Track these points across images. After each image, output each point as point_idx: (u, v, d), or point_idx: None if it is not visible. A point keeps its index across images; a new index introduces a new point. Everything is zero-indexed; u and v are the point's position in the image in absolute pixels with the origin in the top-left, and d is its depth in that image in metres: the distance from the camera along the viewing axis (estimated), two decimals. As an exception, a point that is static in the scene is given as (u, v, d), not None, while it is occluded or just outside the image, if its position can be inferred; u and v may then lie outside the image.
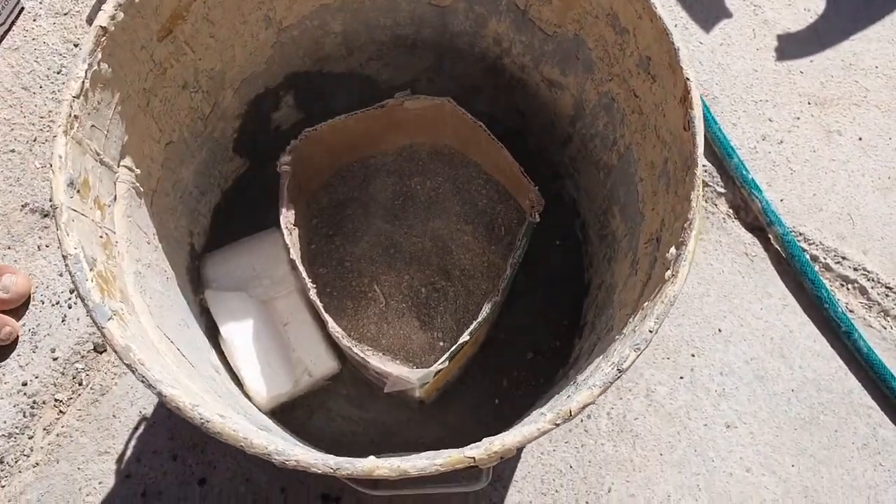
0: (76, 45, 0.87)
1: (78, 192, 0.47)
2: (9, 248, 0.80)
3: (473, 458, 0.41)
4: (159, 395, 0.42)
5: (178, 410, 0.42)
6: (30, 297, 0.79)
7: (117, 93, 0.51)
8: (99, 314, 0.43)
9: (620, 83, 0.57)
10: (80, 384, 0.77)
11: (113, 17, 0.48)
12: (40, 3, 0.88)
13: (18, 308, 0.78)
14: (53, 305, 0.79)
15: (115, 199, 0.52)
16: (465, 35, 0.67)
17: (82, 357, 0.78)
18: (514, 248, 0.64)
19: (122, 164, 0.53)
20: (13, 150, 0.83)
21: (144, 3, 0.50)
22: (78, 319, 0.78)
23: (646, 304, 0.47)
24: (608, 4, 0.53)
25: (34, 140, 0.84)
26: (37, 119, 0.84)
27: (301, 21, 0.63)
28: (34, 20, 0.88)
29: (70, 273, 0.44)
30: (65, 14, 0.88)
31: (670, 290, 0.44)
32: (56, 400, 0.76)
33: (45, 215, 0.81)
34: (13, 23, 0.87)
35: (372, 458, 0.42)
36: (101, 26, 0.47)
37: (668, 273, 0.45)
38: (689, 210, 0.45)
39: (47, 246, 0.81)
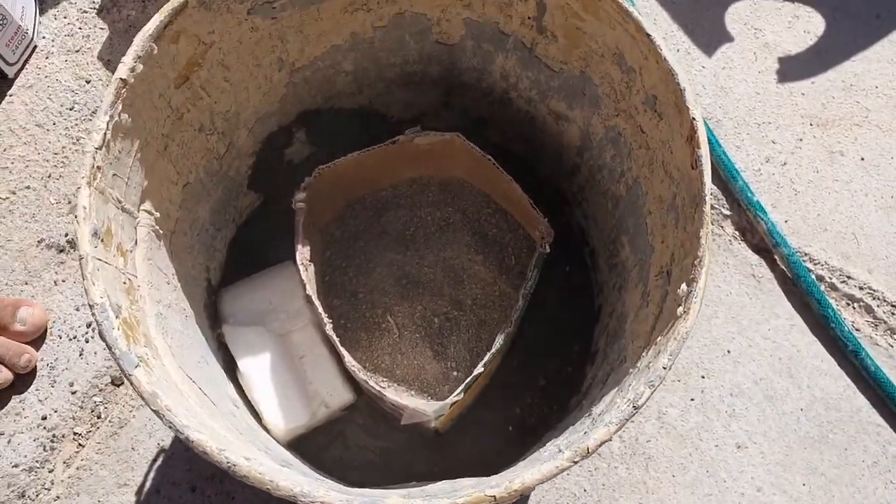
0: (88, 82, 0.89)
1: (101, 240, 0.48)
2: (26, 283, 0.82)
3: (494, 497, 0.42)
4: (187, 440, 0.43)
5: (206, 455, 0.43)
6: (46, 329, 0.80)
7: (137, 140, 0.52)
8: (126, 362, 0.44)
9: (627, 119, 0.58)
10: (99, 417, 0.78)
11: (132, 70, 0.49)
12: (52, 41, 0.90)
13: (36, 340, 0.79)
14: (71, 340, 0.80)
15: (135, 243, 0.53)
16: (472, 71, 0.68)
17: (100, 390, 0.79)
18: (526, 279, 0.65)
19: (142, 208, 0.54)
20: (28, 187, 0.84)
21: (162, 53, 0.51)
22: (95, 353, 0.79)
23: (658, 338, 0.48)
24: (614, 44, 0.54)
25: (48, 176, 0.85)
26: (51, 155, 0.86)
27: (313, 62, 0.64)
28: (46, 58, 0.89)
29: (97, 322, 0.45)
30: (76, 51, 0.90)
31: (682, 328, 0.45)
32: (75, 433, 0.77)
33: (61, 251, 0.83)
34: (26, 61, 0.89)
35: (395, 497, 0.43)
36: (121, 79, 0.49)
37: (681, 310, 0.46)
38: (699, 248, 0.46)
39: (63, 281, 0.82)
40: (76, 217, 0.46)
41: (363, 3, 0.60)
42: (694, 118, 0.48)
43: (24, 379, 0.78)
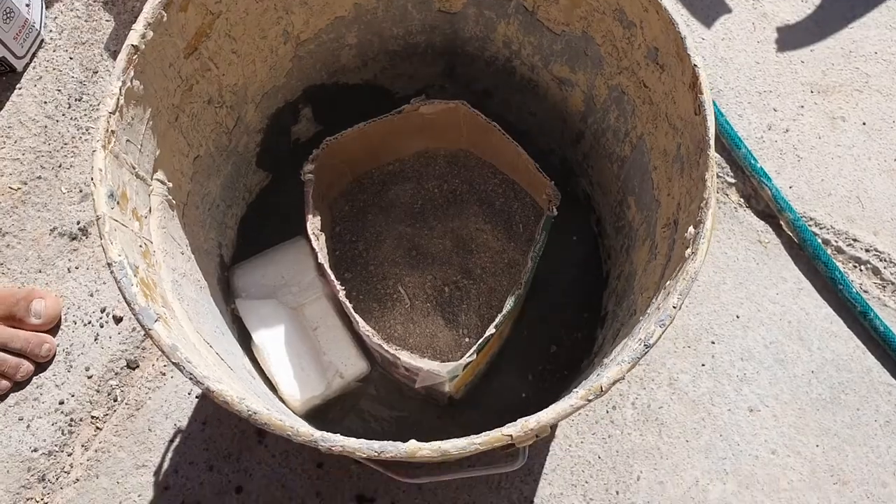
0: (95, 73, 0.90)
1: (118, 203, 0.49)
2: (39, 271, 0.83)
3: (511, 435, 0.43)
4: (207, 390, 0.44)
5: (227, 405, 0.44)
6: (61, 316, 0.81)
7: (149, 108, 0.53)
8: (145, 317, 0.45)
9: (630, 76, 0.59)
10: (116, 400, 0.79)
11: (143, 36, 0.50)
12: (59, 34, 0.91)
13: (51, 329, 0.80)
14: (85, 325, 0.81)
15: (150, 210, 0.54)
16: (475, 40, 0.69)
17: (116, 374, 0.80)
18: (534, 242, 0.65)
19: (155, 177, 0.55)
20: (40, 177, 0.86)
21: (171, 21, 0.52)
22: (110, 338, 0.80)
23: (668, 283, 0.49)
24: (614, 0, 0.55)
25: (59, 166, 0.86)
26: (61, 146, 0.87)
27: (318, 34, 0.65)
28: (54, 51, 0.91)
29: (116, 279, 0.46)
30: (83, 44, 0.91)
31: (691, 267, 0.46)
32: (93, 417, 0.78)
33: (74, 238, 0.83)
34: (34, 54, 0.90)
35: (413, 441, 0.44)
36: (132, 45, 0.50)
37: (689, 251, 0.47)
38: (705, 190, 0.47)
39: (77, 268, 0.83)
40: (92, 180, 0.47)
41: (366, -28, 0.61)
42: (696, 65, 0.49)
43: (41, 365, 0.79)
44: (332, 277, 0.63)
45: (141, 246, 0.51)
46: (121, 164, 0.50)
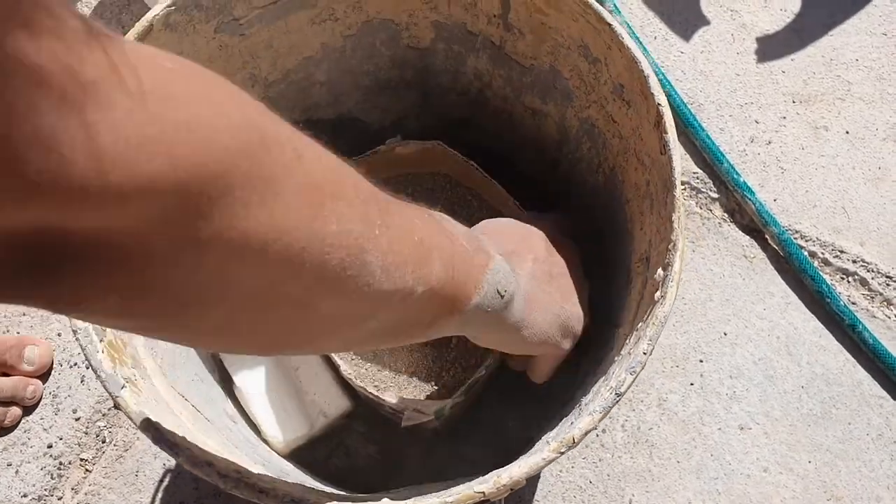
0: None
1: (83, 266, 0.48)
2: (23, 314, 0.82)
3: (483, 492, 0.43)
4: (180, 460, 0.44)
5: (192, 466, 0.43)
6: (52, 364, 0.80)
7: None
8: (112, 384, 0.45)
9: (599, 109, 0.58)
10: (104, 442, 0.79)
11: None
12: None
13: (42, 375, 0.80)
14: (72, 367, 0.81)
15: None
16: (446, 73, 0.68)
17: (104, 415, 0.79)
18: None
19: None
20: (21, 219, 0.85)
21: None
22: (96, 379, 0.80)
23: (639, 325, 0.49)
24: (579, 36, 0.55)
25: (40, 207, 0.86)
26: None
27: (286, 75, 0.65)
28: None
29: (81, 347, 0.45)
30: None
31: (660, 312, 0.45)
32: (81, 459, 0.78)
33: (57, 280, 0.83)
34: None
35: (385, 499, 0.44)
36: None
37: (658, 294, 0.46)
38: (672, 231, 0.47)
39: (61, 310, 0.83)
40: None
41: (330, 14, 0.61)
42: (659, 104, 0.49)
43: (28, 408, 0.79)
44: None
45: (109, 306, 0.50)
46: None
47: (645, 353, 0.45)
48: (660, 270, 0.47)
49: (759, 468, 0.78)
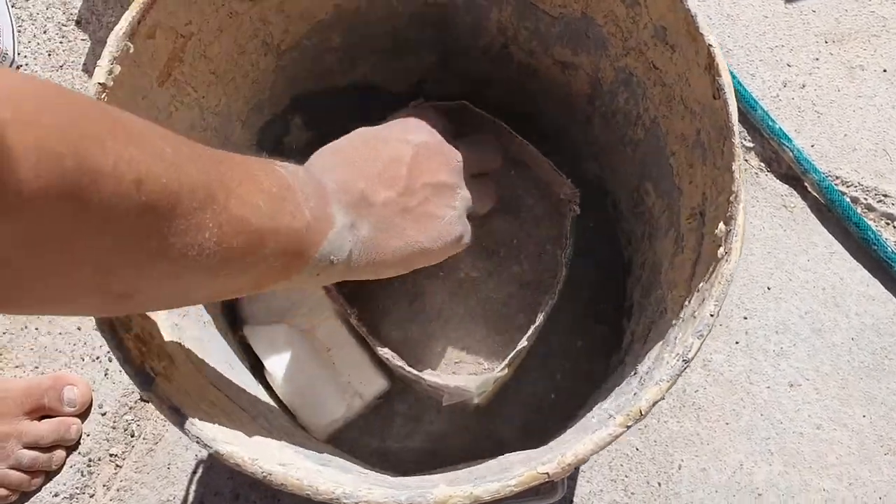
0: (76, 96, 0.86)
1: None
2: (41, 309, 0.80)
3: (548, 473, 0.40)
4: (216, 454, 0.41)
5: (238, 467, 0.41)
6: (92, 401, 0.77)
7: (126, 147, 0.49)
8: (142, 380, 0.42)
9: (637, 56, 0.55)
10: (133, 436, 0.76)
11: (110, 72, 0.46)
12: (35, 59, 0.87)
13: (83, 413, 0.77)
14: (94, 361, 0.78)
15: (140, 254, 0.51)
16: (467, 29, 0.64)
17: (130, 408, 0.77)
18: (563, 246, 0.62)
19: (141, 217, 0.52)
20: (30, 211, 0.82)
21: (139, 51, 0.48)
22: (120, 371, 0.77)
23: (700, 284, 0.45)
24: (614, -22, 0.51)
25: (49, 198, 0.83)
26: (48, 176, 0.83)
27: (299, 42, 0.61)
28: (30, 77, 0.87)
29: (107, 341, 0.42)
30: (61, 67, 0.87)
31: (726, 269, 0.42)
32: (111, 455, 0.76)
33: (72, 272, 0.80)
34: (10, 83, 0.86)
35: (442, 486, 0.41)
36: (99, 83, 0.46)
37: (721, 251, 0.43)
38: (733, 182, 0.43)
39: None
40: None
41: (344, -28, 0.57)
42: (710, 45, 0.45)
43: (70, 447, 0.77)
44: (343, 302, 0.60)
45: (133, 296, 0.47)
46: (101, 213, 0.46)
47: (712, 315, 0.41)
48: (721, 225, 0.44)
49: (811, 425, 0.75)
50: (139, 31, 0.48)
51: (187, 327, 0.54)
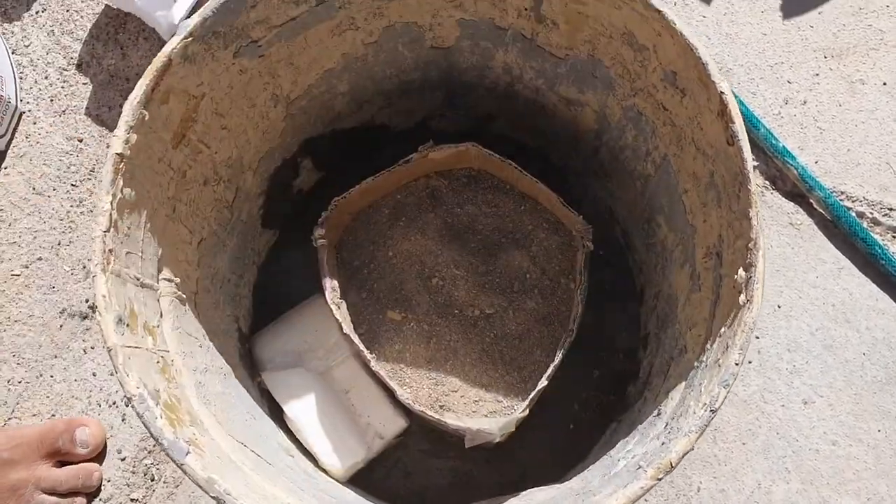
0: (81, 140, 0.86)
1: (127, 325, 0.46)
2: (55, 356, 0.80)
3: (582, 530, 0.40)
4: (252, 522, 0.41)
5: (275, 535, 0.41)
6: (106, 443, 0.77)
7: (144, 211, 0.50)
8: (176, 451, 0.42)
9: (646, 97, 0.55)
10: (153, 479, 0.77)
11: (127, 141, 0.46)
12: (37, 105, 0.87)
13: (98, 455, 0.77)
14: (111, 406, 0.78)
15: (161, 316, 0.51)
16: (472, 69, 0.65)
17: (149, 452, 0.77)
18: (578, 282, 0.62)
19: (161, 278, 0.52)
20: (40, 258, 0.82)
21: (154, 117, 0.49)
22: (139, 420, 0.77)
23: (723, 329, 0.46)
24: (622, 24, 0.51)
25: (58, 244, 0.83)
26: (57, 222, 0.84)
27: (308, 90, 0.62)
28: (34, 123, 0.87)
29: (139, 415, 0.43)
30: (63, 112, 0.87)
31: (748, 317, 0.43)
32: (132, 500, 0.76)
33: (85, 318, 0.81)
34: (15, 129, 0.86)
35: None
36: (117, 153, 0.46)
37: (743, 298, 0.43)
38: (751, 230, 0.44)
39: (93, 348, 0.80)
40: (97, 308, 0.44)
41: (350, 23, 0.57)
42: (722, 92, 0.45)
43: (90, 495, 0.76)
44: (362, 347, 0.60)
45: (158, 362, 0.48)
46: (124, 282, 0.46)
47: (737, 364, 0.42)
48: (741, 272, 0.44)
49: (827, 442, 0.75)
50: (153, 97, 0.48)
51: (209, 383, 0.55)
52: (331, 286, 0.63)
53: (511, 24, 0.58)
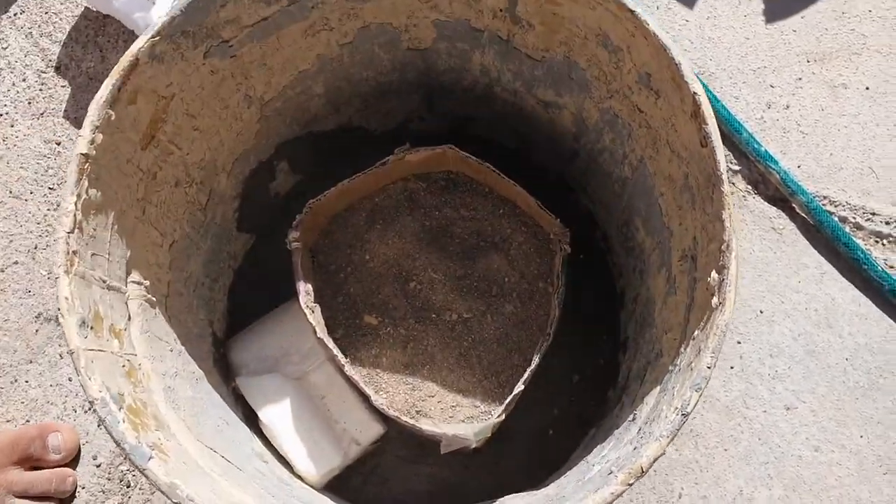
0: (59, 144, 0.85)
1: (91, 328, 0.45)
2: (30, 361, 0.79)
3: (550, 536, 0.40)
4: (216, 530, 0.40)
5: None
6: (80, 447, 0.76)
7: (111, 212, 0.49)
8: (138, 456, 0.41)
9: (622, 99, 0.55)
10: (128, 486, 0.76)
11: (92, 142, 0.46)
12: (14, 107, 0.86)
13: (72, 460, 0.76)
14: (87, 412, 0.77)
15: (129, 318, 0.50)
16: (450, 71, 0.64)
17: (125, 458, 0.76)
18: (556, 286, 0.62)
19: (129, 280, 0.51)
20: (16, 262, 0.81)
21: (121, 117, 0.48)
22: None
23: (696, 333, 0.45)
24: (596, 25, 0.51)
25: (35, 248, 0.82)
26: (34, 226, 0.83)
27: (282, 92, 0.61)
28: (11, 126, 0.86)
29: (100, 419, 0.42)
30: (41, 115, 0.86)
31: (720, 320, 0.42)
32: (108, 507, 0.75)
33: (60, 322, 0.80)
34: (-9, 132, 0.86)
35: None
36: (81, 154, 0.45)
37: (715, 300, 0.43)
38: (724, 232, 0.43)
39: (70, 353, 0.79)
40: (59, 310, 0.43)
41: (324, 24, 0.56)
42: (696, 93, 0.45)
43: (65, 500, 0.75)
44: (336, 351, 0.59)
45: (123, 366, 0.47)
46: (89, 284, 0.46)
47: (709, 367, 0.41)
48: (714, 274, 0.44)
49: (809, 448, 0.75)
50: (120, 97, 0.47)
51: (179, 388, 0.54)
52: (304, 290, 0.62)
53: (487, 26, 0.57)
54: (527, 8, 0.53)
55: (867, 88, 0.85)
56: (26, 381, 0.78)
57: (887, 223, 0.80)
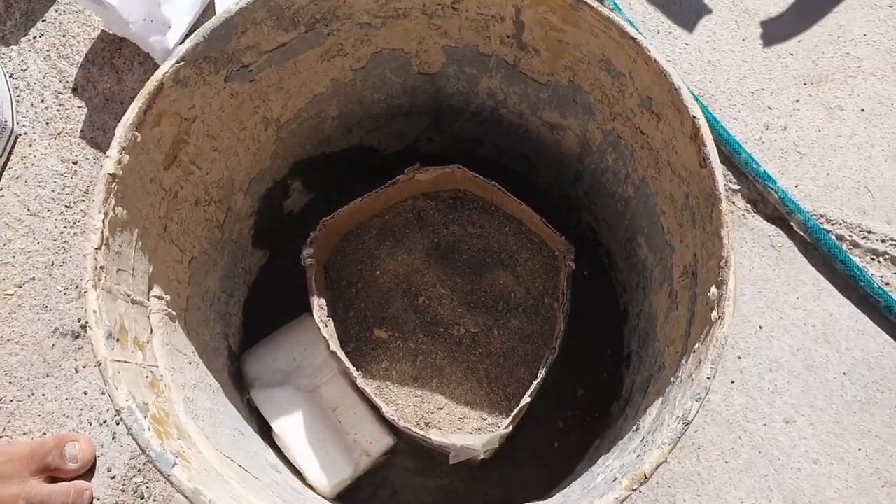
0: (75, 163, 0.88)
1: (117, 340, 0.47)
2: (47, 375, 0.81)
3: (558, 539, 0.41)
4: (237, 533, 0.42)
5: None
6: (95, 460, 0.78)
7: (135, 230, 0.51)
8: (163, 463, 0.43)
9: (624, 122, 0.57)
10: (143, 498, 0.77)
11: (119, 162, 0.48)
12: (33, 127, 0.89)
13: (87, 473, 0.78)
14: (101, 425, 0.79)
15: (151, 332, 0.52)
16: (458, 94, 0.67)
17: (139, 470, 0.78)
18: (561, 301, 0.64)
19: (151, 295, 0.53)
20: (33, 278, 0.84)
21: (146, 139, 0.50)
22: (127, 434, 0.78)
23: (697, 345, 0.47)
24: (599, 51, 0.53)
25: (52, 264, 0.84)
26: (51, 243, 0.85)
27: (298, 114, 0.63)
28: (30, 146, 0.88)
29: (127, 427, 0.44)
30: (59, 134, 0.89)
31: (720, 333, 0.44)
32: (122, 518, 0.77)
33: (77, 337, 0.82)
34: (10, 151, 0.88)
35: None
36: (109, 174, 0.48)
37: (714, 314, 0.45)
38: (723, 248, 0.45)
39: (84, 367, 0.81)
40: (88, 323, 0.45)
41: (338, 49, 0.59)
42: (695, 116, 0.47)
43: None
44: (349, 364, 0.61)
45: (147, 376, 0.49)
46: (115, 298, 0.48)
47: (709, 378, 0.43)
48: (713, 289, 0.46)
49: (808, 461, 0.76)
50: (146, 119, 0.50)
51: (198, 399, 0.56)
52: (318, 304, 0.64)
53: (494, 51, 0.60)
54: (533, 35, 0.56)
55: (862, 110, 0.87)
56: (43, 395, 0.80)
57: (882, 241, 0.82)
